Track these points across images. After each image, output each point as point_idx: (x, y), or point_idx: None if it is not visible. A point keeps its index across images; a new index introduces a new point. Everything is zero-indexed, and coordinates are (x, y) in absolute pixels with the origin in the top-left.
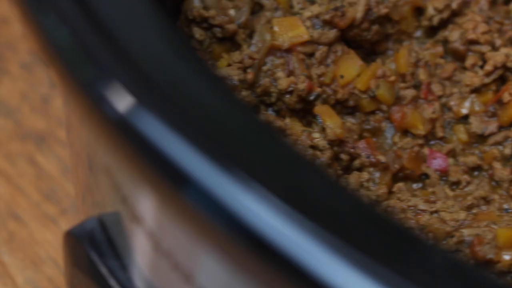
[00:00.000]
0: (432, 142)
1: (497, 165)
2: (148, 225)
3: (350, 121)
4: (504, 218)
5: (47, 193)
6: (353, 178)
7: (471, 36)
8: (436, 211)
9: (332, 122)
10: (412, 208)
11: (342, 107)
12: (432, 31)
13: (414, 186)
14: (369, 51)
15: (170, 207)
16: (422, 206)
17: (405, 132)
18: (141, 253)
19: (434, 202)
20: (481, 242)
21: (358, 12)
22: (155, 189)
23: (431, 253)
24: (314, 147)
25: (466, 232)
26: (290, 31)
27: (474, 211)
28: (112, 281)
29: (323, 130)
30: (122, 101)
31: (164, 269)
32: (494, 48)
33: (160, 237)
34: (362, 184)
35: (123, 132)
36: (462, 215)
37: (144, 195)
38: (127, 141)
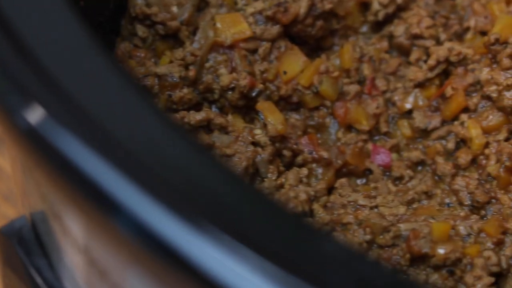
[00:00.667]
0: (376, 138)
1: (440, 159)
2: (74, 233)
3: (294, 117)
4: (444, 213)
5: (6, 194)
6: (292, 174)
7: (415, 30)
8: (376, 206)
9: (274, 118)
10: (352, 203)
11: (286, 103)
12: (378, 26)
13: (358, 181)
14: (314, 47)
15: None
16: (362, 201)
17: (349, 127)
18: (68, 254)
19: (374, 197)
20: (417, 236)
21: (301, 7)
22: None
23: (326, 246)
24: (255, 143)
25: (403, 226)
26: (233, 27)
27: (415, 205)
28: (39, 280)
29: (265, 126)
30: (33, 114)
31: (92, 274)
32: (439, 43)
33: (86, 243)
34: (301, 180)
35: (32, 143)
36: (402, 209)
37: (67, 207)
38: (37, 152)
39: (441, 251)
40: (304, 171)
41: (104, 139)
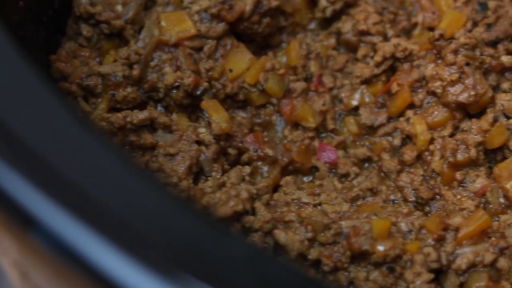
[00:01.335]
0: (323, 135)
1: (386, 156)
2: None
3: (241, 115)
4: (388, 209)
5: None
6: (234, 173)
7: (362, 27)
8: (319, 204)
9: (218, 117)
10: (295, 201)
11: (233, 101)
12: (326, 22)
13: (305, 179)
14: (262, 44)
15: None
16: (305, 199)
17: (296, 125)
18: None
19: (318, 194)
20: (357, 234)
21: (247, 5)
22: None
23: (233, 247)
24: (199, 142)
25: (344, 224)
26: (177, 26)
27: (359, 202)
28: None
29: (209, 125)
30: None
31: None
32: (386, 39)
33: None
34: (244, 178)
35: None
36: (345, 207)
37: None
38: None
39: (380, 248)
40: (247, 169)
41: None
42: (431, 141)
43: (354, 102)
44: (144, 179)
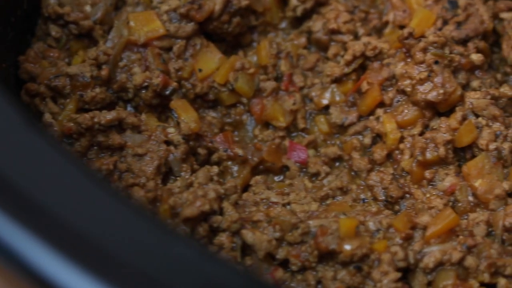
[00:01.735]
0: (294, 134)
1: (356, 155)
2: None
3: (211, 115)
4: (357, 208)
5: None
6: (202, 173)
7: (333, 25)
8: (288, 203)
9: (187, 117)
10: (264, 200)
11: (203, 101)
12: (297, 22)
13: (276, 178)
14: (233, 44)
15: None
16: (274, 198)
17: (266, 124)
18: None
19: (288, 194)
20: (324, 233)
21: (216, 4)
22: None
23: (177, 249)
24: (168, 142)
25: (312, 223)
26: (146, 26)
27: (328, 202)
28: None
29: (178, 124)
30: None
31: None
32: (357, 38)
33: None
34: (212, 178)
35: None
36: (314, 206)
37: None
38: None
39: (347, 247)
40: (215, 169)
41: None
42: (401, 139)
43: (325, 101)
44: (88, 179)
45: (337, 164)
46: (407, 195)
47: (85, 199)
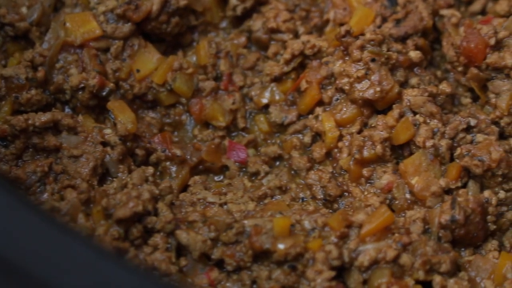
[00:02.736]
0: (234, 134)
1: (295, 154)
2: None
3: (150, 115)
4: (294, 207)
5: None
6: (137, 173)
7: (272, 24)
8: (225, 203)
9: (124, 117)
10: (201, 200)
11: (142, 102)
12: (238, 21)
13: (216, 178)
14: (174, 44)
15: None
16: (211, 198)
17: (206, 124)
18: None
19: (225, 194)
20: (259, 233)
21: (153, 4)
22: None
23: (73, 249)
24: (105, 143)
25: (247, 222)
26: (82, 27)
27: (266, 201)
28: None
29: (115, 125)
30: None
31: None
32: (297, 36)
33: None
34: (147, 179)
35: None
36: (251, 205)
37: None
38: None
39: (281, 246)
40: (150, 170)
41: None
42: (340, 138)
43: (264, 100)
44: None
45: (277, 163)
46: (346, 194)
47: None
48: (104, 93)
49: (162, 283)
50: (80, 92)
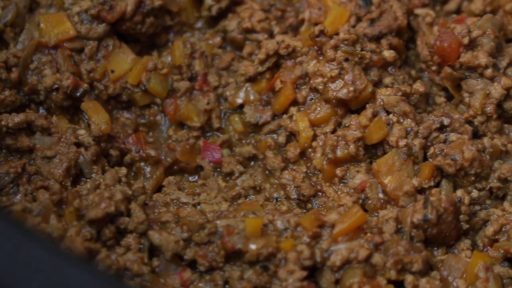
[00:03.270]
0: (209, 134)
1: (269, 154)
2: None
3: (125, 116)
4: (268, 207)
5: None
6: (110, 174)
7: (247, 24)
8: (198, 203)
9: (98, 118)
10: (175, 201)
11: (117, 102)
12: (213, 21)
13: (191, 178)
14: (149, 44)
15: None
16: (184, 199)
17: (181, 124)
18: None
19: (198, 194)
20: (231, 233)
21: (128, 5)
22: None
23: (21, 251)
24: (79, 144)
25: (220, 223)
26: (56, 27)
27: (240, 201)
28: None
29: (89, 126)
30: None
31: None
32: (272, 36)
33: None
34: (121, 179)
35: None
36: (224, 206)
37: None
38: None
39: (253, 246)
40: (123, 170)
41: None
42: (314, 137)
43: (239, 100)
44: None
45: (252, 163)
46: (320, 193)
47: None
48: (78, 94)
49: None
50: (54, 93)
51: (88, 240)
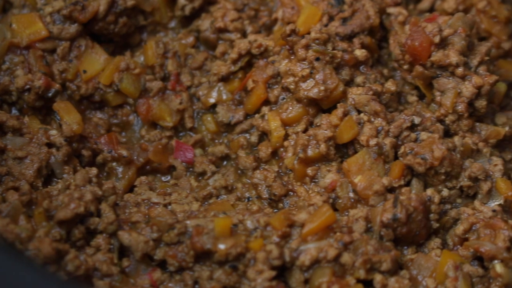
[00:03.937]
0: (182, 134)
1: (241, 153)
2: None
3: (98, 116)
4: (239, 207)
5: None
6: (80, 174)
7: (220, 24)
8: (169, 203)
9: (69, 118)
10: (146, 201)
11: (89, 103)
12: (187, 20)
13: (164, 178)
14: (122, 44)
15: None
16: (155, 199)
17: (154, 124)
18: None
19: (170, 194)
20: (200, 233)
21: (100, 5)
22: None
23: None
24: (50, 144)
25: (189, 223)
26: (28, 28)
27: (211, 201)
28: None
29: (60, 126)
30: None
31: None
32: (245, 36)
33: None
34: (91, 180)
35: None
36: (195, 206)
37: None
38: None
39: (221, 246)
40: (94, 170)
41: None
42: (286, 137)
43: (212, 100)
44: None
45: (224, 163)
46: (291, 193)
47: None
48: (50, 94)
49: None
50: (26, 94)
51: (57, 241)
